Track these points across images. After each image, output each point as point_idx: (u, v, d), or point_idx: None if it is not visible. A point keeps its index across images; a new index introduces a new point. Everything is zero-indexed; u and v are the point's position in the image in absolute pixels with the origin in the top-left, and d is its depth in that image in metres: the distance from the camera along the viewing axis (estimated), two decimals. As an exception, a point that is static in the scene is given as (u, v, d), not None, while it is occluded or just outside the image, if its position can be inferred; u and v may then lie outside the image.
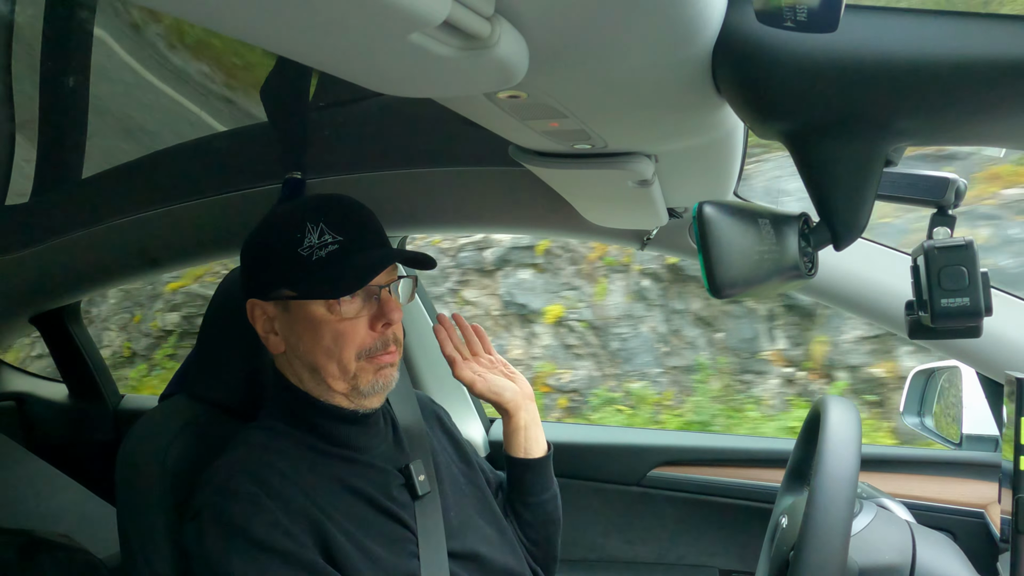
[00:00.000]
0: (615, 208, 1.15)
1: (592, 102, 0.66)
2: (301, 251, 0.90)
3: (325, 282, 0.90)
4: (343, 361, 0.92)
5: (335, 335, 0.92)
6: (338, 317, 0.91)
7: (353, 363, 0.93)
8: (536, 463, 1.14)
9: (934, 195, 0.67)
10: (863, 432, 0.81)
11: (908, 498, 1.31)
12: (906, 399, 1.50)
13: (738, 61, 0.55)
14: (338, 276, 0.90)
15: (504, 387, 1.13)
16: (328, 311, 0.91)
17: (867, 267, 1.20)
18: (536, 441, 1.15)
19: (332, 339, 0.92)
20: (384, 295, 0.94)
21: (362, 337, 0.93)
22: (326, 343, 0.92)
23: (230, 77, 1.25)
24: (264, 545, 0.83)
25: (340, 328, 0.92)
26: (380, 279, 0.94)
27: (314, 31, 0.44)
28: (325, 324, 0.92)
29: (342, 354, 0.92)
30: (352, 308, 0.92)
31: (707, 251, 0.53)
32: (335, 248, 0.90)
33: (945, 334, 0.62)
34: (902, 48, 0.49)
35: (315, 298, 0.91)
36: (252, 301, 0.97)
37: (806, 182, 0.59)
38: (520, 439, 1.14)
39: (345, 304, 0.91)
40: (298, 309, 0.93)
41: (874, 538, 0.83)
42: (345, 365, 0.93)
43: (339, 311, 0.91)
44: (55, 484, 1.84)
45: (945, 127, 0.54)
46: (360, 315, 0.93)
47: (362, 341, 0.93)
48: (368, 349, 0.93)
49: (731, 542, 1.52)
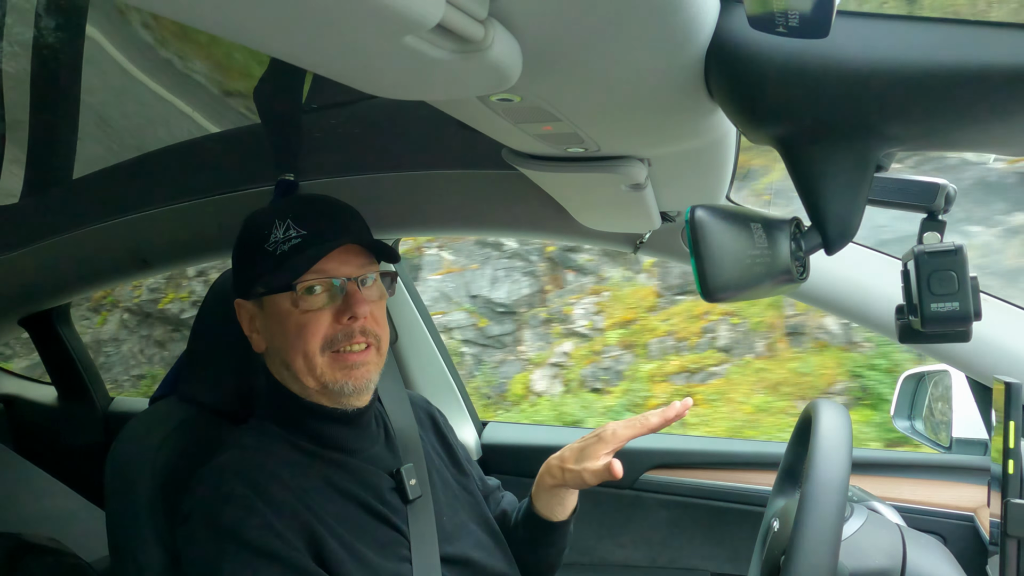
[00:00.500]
0: (608, 211, 1.15)
1: (585, 106, 0.66)
2: (267, 246, 0.93)
3: (283, 274, 0.92)
4: (308, 354, 0.92)
5: (298, 327, 0.92)
6: (301, 310, 0.92)
7: (318, 357, 0.93)
8: (565, 523, 1.12)
9: (924, 200, 0.67)
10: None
11: (898, 501, 1.32)
12: (896, 403, 1.51)
13: (731, 66, 0.55)
14: (294, 266, 0.91)
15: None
16: (292, 305, 0.93)
17: (858, 271, 1.21)
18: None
19: (296, 332, 0.93)
20: (351, 288, 0.94)
21: (325, 329, 0.93)
22: (291, 337, 0.93)
23: (224, 78, 1.24)
24: (256, 548, 0.83)
25: (303, 320, 0.92)
26: (347, 271, 0.94)
27: (308, 33, 0.44)
28: (289, 317, 0.93)
29: (306, 347, 0.92)
30: (316, 301, 0.93)
31: (699, 255, 0.53)
32: (298, 241, 0.93)
33: (935, 338, 0.63)
34: (893, 54, 0.49)
35: (276, 291, 0.93)
36: (238, 301, 0.99)
37: (797, 186, 0.59)
38: (567, 505, 1.11)
39: (308, 298, 0.92)
40: (270, 305, 0.95)
41: (864, 542, 0.83)
42: (310, 359, 0.93)
43: (303, 303, 0.92)
44: (43, 487, 1.82)
45: (935, 133, 0.54)
46: (325, 308, 0.93)
47: (325, 333, 0.93)
48: (330, 340, 0.93)
49: (723, 545, 1.53)
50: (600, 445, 1.01)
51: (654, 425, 1.01)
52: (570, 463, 1.03)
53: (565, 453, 1.06)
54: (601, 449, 1.01)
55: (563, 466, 1.04)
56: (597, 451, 1.01)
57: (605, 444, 1.01)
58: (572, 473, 1.03)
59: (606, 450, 1.01)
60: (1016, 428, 0.82)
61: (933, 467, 1.41)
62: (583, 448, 1.03)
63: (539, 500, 1.10)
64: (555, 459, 1.07)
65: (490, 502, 1.18)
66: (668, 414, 1.00)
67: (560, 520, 1.10)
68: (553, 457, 1.08)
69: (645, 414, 1.03)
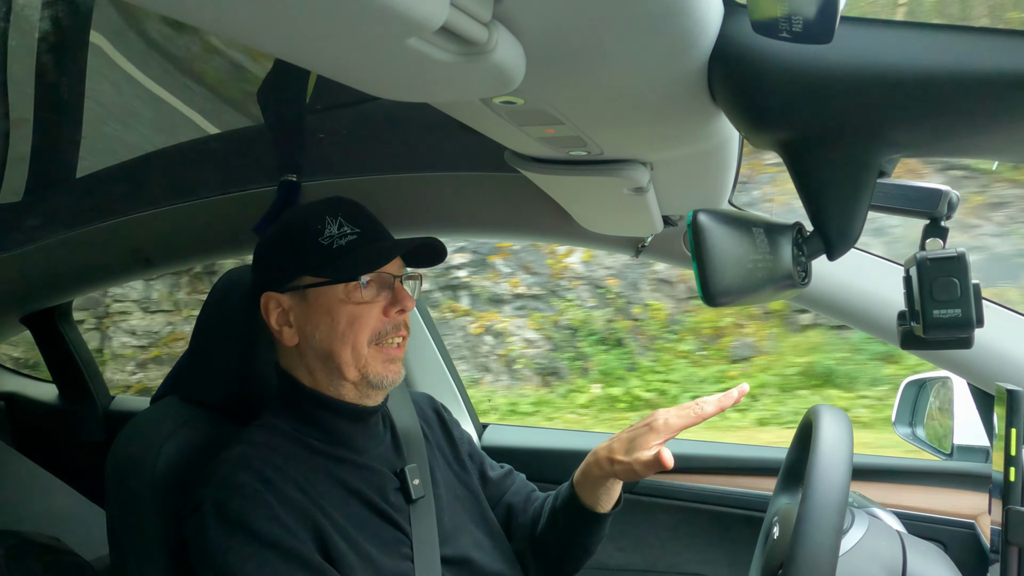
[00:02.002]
0: (610, 215, 1.15)
1: (588, 109, 0.66)
2: (322, 240, 0.96)
3: (347, 266, 0.95)
4: (356, 346, 0.96)
5: (351, 318, 0.96)
6: (355, 301, 0.96)
7: (365, 348, 0.97)
8: (610, 513, 1.09)
9: (927, 206, 0.67)
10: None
11: (899, 508, 1.31)
12: (898, 409, 1.50)
13: (734, 71, 0.55)
14: (358, 260, 0.95)
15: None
16: (346, 296, 0.96)
17: (860, 277, 1.21)
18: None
19: (348, 323, 0.96)
20: (397, 284, 0.99)
21: (375, 321, 0.97)
22: (342, 328, 0.96)
23: (224, 80, 1.25)
24: (264, 539, 0.85)
25: (356, 312, 0.96)
26: (394, 269, 0.99)
27: (312, 35, 0.44)
28: (342, 308, 0.96)
29: (356, 338, 0.96)
30: (369, 293, 0.97)
31: (701, 259, 0.53)
32: (354, 238, 0.97)
33: (937, 345, 0.62)
34: (897, 60, 0.49)
35: (338, 281, 0.96)
36: (268, 295, 1.00)
37: (800, 192, 0.59)
38: (613, 495, 1.08)
39: (363, 289, 0.96)
40: (316, 297, 0.97)
41: (864, 555, 0.83)
42: (358, 350, 0.96)
43: (357, 295, 0.96)
44: (44, 485, 1.82)
45: (939, 139, 0.54)
46: (375, 301, 0.98)
47: (375, 326, 0.97)
48: (379, 333, 0.97)
49: (723, 550, 1.52)
50: (651, 435, 0.97)
51: (709, 413, 0.96)
52: (619, 454, 0.99)
53: (614, 444, 1.01)
54: (652, 439, 0.96)
55: (612, 457, 1.00)
56: (647, 441, 0.96)
57: (656, 434, 0.96)
58: (622, 465, 0.98)
59: (657, 440, 0.96)
60: (1018, 435, 0.81)
61: (934, 474, 1.40)
62: (632, 438, 0.99)
63: (583, 490, 1.07)
64: (603, 450, 1.02)
65: (495, 489, 1.17)
66: (724, 402, 0.96)
67: (606, 511, 1.07)
68: (601, 448, 1.03)
69: (698, 401, 0.98)
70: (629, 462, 0.97)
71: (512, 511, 1.17)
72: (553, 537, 1.11)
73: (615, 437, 1.03)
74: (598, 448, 1.04)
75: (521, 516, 1.16)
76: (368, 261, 0.96)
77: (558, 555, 1.12)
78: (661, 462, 0.92)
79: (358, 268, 0.95)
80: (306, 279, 0.97)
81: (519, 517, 1.16)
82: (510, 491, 1.19)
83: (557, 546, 1.11)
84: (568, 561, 1.13)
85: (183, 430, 1.05)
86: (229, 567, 0.84)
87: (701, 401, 0.97)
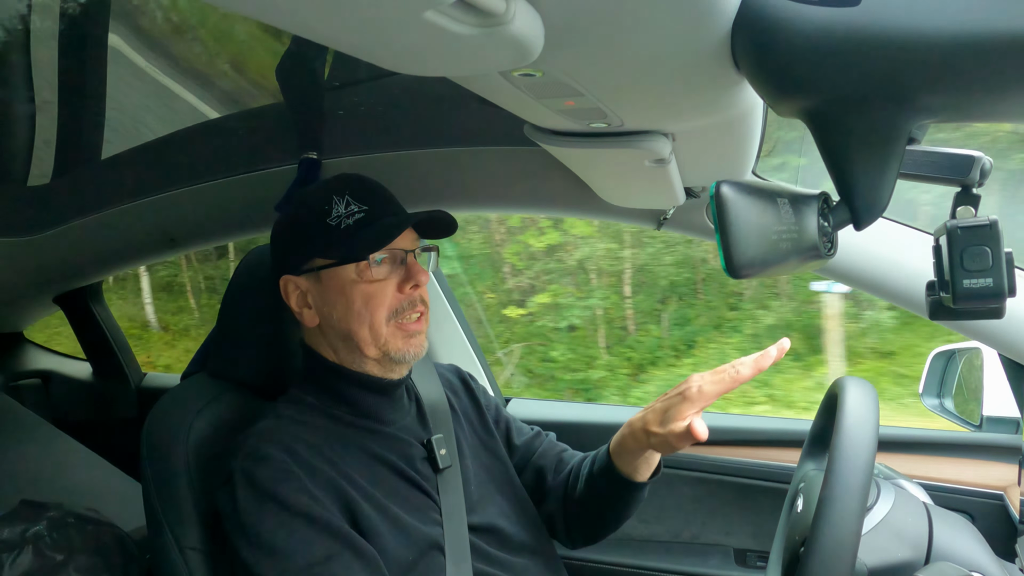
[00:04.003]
0: (631, 187, 1.14)
1: (608, 80, 0.65)
2: (330, 221, 0.96)
3: (355, 246, 0.95)
4: (374, 324, 0.96)
5: (365, 297, 0.96)
6: (367, 280, 0.96)
7: (383, 326, 0.97)
8: (649, 481, 1.08)
9: (959, 173, 0.65)
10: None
11: (926, 480, 1.30)
12: (926, 380, 1.48)
13: (758, 36, 0.54)
14: (366, 238, 0.95)
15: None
16: (358, 275, 0.96)
17: (887, 247, 1.18)
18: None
19: (363, 302, 0.96)
20: (410, 259, 0.99)
21: (391, 298, 0.97)
22: (357, 307, 0.96)
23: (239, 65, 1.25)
24: (293, 509, 0.87)
25: (370, 290, 0.96)
26: (405, 244, 0.99)
27: (329, 10, 0.44)
28: (355, 288, 0.96)
29: (373, 316, 0.96)
30: (381, 271, 0.97)
31: (724, 231, 0.53)
32: (361, 216, 0.96)
33: (967, 315, 0.61)
34: (928, 20, 0.47)
35: (346, 262, 0.96)
36: (286, 278, 1.01)
37: (826, 160, 0.58)
38: (651, 464, 1.06)
39: (374, 267, 0.96)
40: (330, 278, 0.97)
41: (890, 527, 0.82)
42: (376, 328, 0.97)
43: (368, 274, 0.96)
44: (82, 459, 1.88)
45: (971, 104, 0.52)
46: (388, 278, 0.97)
47: (391, 303, 0.97)
48: (396, 310, 0.97)
49: (746, 521, 1.53)
50: (685, 405, 0.91)
51: (745, 376, 0.89)
52: (654, 426, 0.94)
53: (648, 415, 0.96)
54: (687, 409, 0.90)
55: (647, 429, 0.95)
56: (682, 412, 0.91)
57: (691, 403, 0.90)
58: (658, 438, 0.94)
59: (692, 410, 0.90)
60: (1049, 406, 0.80)
61: (962, 445, 1.39)
62: (666, 409, 0.93)
63: (621, 459, 1.04)
64: (638, 421, 0.98)
65: (523, 452, 1.18)
66: (763, 362, 0.89)
67: (644, 480, 1.06)
68: (636, 419, 0.99)
69: (734, 364, 0.91)
70: (664, 434, 0.92)
71: (542, 474, 1.16)
72: (589, 502, 1.10)
73: (649, 407, 0.98)
74: (633, 419, 1.00)
75: (552, 478, 1.16)
76: (375, 240, 0.95)
77: (593, 519, 1.12)
78: (694, 434, 0.88)
79: (365, 247, 0.95)
80: (318, 261, 0.97)
81: (550, 479, 1.16)
82: (539, 453, 1.18)
83: (593, 510, 1.11)
84: (603, 525, 1.13)
85: (212, 406, 1.08)
86: (261, 536, 0.86)
87: (737, 363, 0.91)
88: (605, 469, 1.07)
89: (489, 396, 1.23)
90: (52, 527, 1.25)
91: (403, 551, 0.92)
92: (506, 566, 1.02)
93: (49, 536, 1.24)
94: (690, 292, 5.26)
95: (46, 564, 1.20)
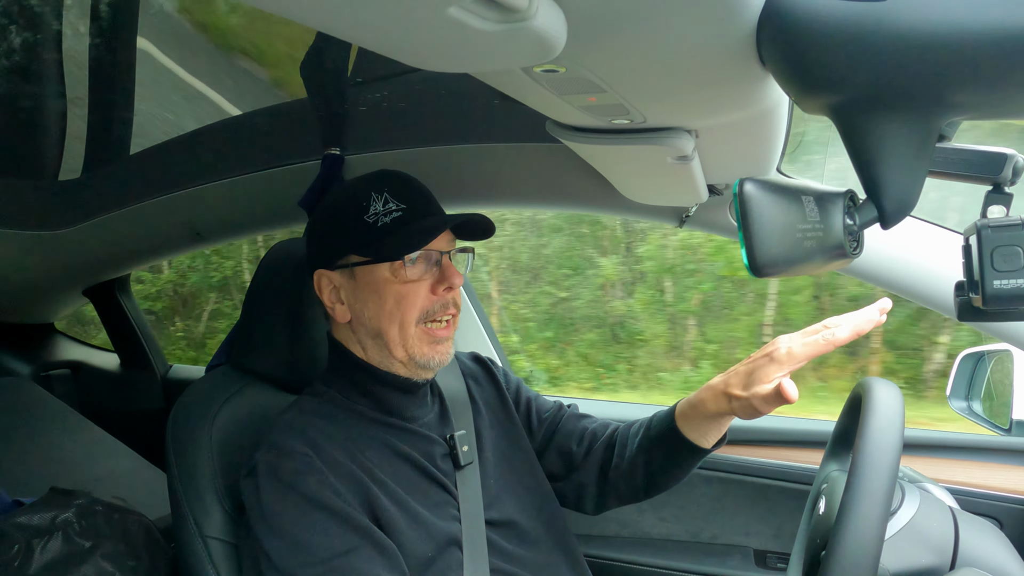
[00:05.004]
0: (653, 184, 1.13)
1: (631, 76, 0.65)
2: (367, 218, 0.95)
3: (390, 245, 0.94)
4: (404, 324, 0.96)
5: (398, 297, 0.96)
6: (401, 280, 0.96)
7: (412, 327, 0.96)
8: (710, 449, 1.04)
9: (990, 172, 0.64)
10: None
11: (952, 484, 1.28)
12: (953, 383, 1.46)
13: (784, 31, 0.53)
14: (403, 238, 0.94)
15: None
16: (392, 275, 0.96)
17: (915, 246, 1.16)
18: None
19: (395, 302, 0.96)
20: (445, 261, 0.98)
21: (423, 300, 0.97)
22: (389, 306, 0.96)
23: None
24: (315, 502, 0.88)
25: (403, 291, 0.96)
26: (441, 246, 0.98)
27: (353, 6, 0.44)
28: (388, 287, 0.96)
29: (404, 316, 0.96)
30: (415, 272, 0.96)
31: (747, 229, 0.52)
32: (399, 215, 0.95)
33: (997, 316, 0.60)
34: (958, 16, 0.46)
35: (381, 260, 0.95)
36: (319, 272, 1.01)
37: (853, 158, 0.57)
38: (722, 429, 1.01)
39: (408, 268, 0.95)
40: (364, 275, 0.97)
41: (915, 531, 0.81)
42: (405, 328, 0.96)
43: (403, 274, 0.95)
44: (109, 449, 1.92)
45: (1004, 101, 0.51)
46: (423, 279, 0.97)
47: (423, 304, 0.97)
48: (427, 312, 0.97)
49: (766, 522, 1.51)
50: (772, 366, 0.86)
51: (842, 339, 0.82)
52: (737, 388, 0.90)
53: (730, 378, 0.92)
54: (773, 371, 0.85)
55: (729, 392, 0.91)
56: (768, 374, 0.86)
57: (778, 365, 0.85)
58: (740, 401, 0.89)
59: (780, 372, 0.85)
60: (1082, 411, 0.78)
61: (990, 449, 1.36)
62: (751, 371, 0.88)
63: (689, 423, 1.00)
64: (719, 384, 0.94)
65: (545, 431, 1.16)
66: (861, 323, 0.82)
67: (710, 447, 1.02)
68: (716, 382, 0.95)
69: (827, 323, 0.84)
70: (747, 396, 0.88)
71: (568, 448, 1.14)
72: (638, 469, 1.07)
73: (731, 371, 0.93)
74: (713, 383, 0.96)
75: (581, 453, 1.13)
76: (411, 240, 0.94)
77: (639, 485, 1.09)
78: (784, 395, 0.82)
79: (401, 248, 0.94)
80: (353, 257, 0.97)
81: (577, 450, 1.14)
82: (562, 432, 1.16)
83: (642, 477, 1.07)
84: (649, 490, 1.09)
85: (236, 398, 1.09)
86: (283, 528, 0.87)
87: (831, 323, 0.84)
88: (666, 435, 1.03)
89: (510, 377, 1.22)
90: (81, 514, 1.28)
91: (421, 547, 0.92)
92: (523, 562, 1.02)
93: (78, 523, 1.26)
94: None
95: (74, 550, 1.23)
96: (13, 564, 1.18)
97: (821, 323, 0.86)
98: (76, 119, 1.39)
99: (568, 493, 1.16)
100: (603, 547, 1.58)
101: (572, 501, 1.16)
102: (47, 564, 1.20)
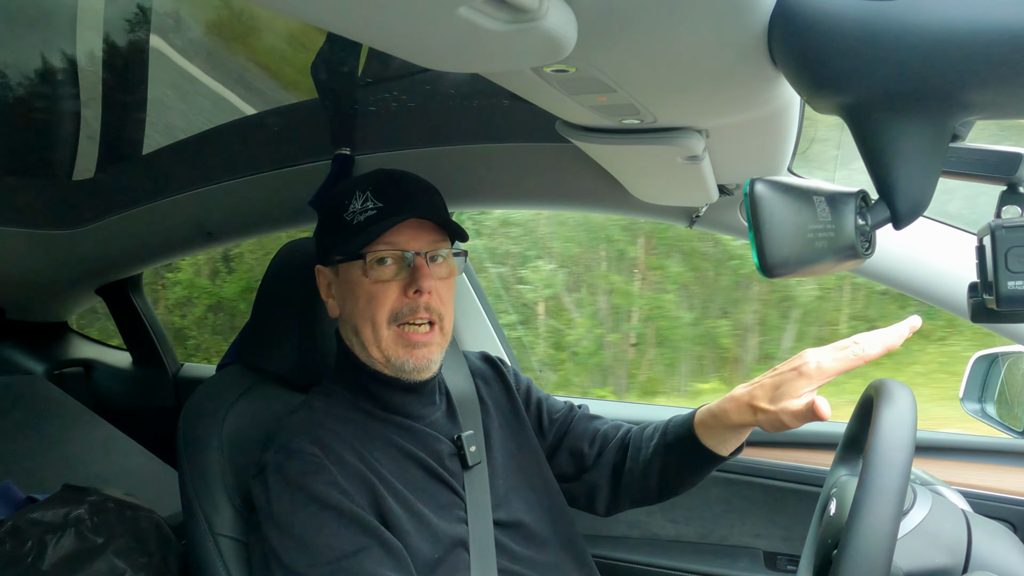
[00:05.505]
0: (663, 184, 1.13)
1: (642, 75, 0.65)
2: (346, 216, 0.97)
3: (355, 243, 0.95)
4: (375, 325, 0.96)
5: (368, 297, 0.96)
6: (372, 279, 0.96)
7: (384, 329, 0.96)
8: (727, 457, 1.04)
9: (1005, 171, 0.63)
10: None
11: (965, 487, 1.27)
12: (966, 384, 1.44)
13: (796, 31, 0.53)
14: (364, 236, 0.94)
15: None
16: (364, 274, 0.96)
17: (928, 247, 1.15)
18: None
19: (366, 301, 0.96)
20: (419, 262, 0.96)
21: (393, 301, 0.96)
22: (361, 305, 0.97)
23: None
24: (323, 501, 0.88)
25: (372, 290, 0.96)
26: (417, 246, 0.96)
27: (363, 7, 0.44)
28: (361, 286, 0.97)
29: (375, 317, 0.96)
30: (385, 272, 0.96)
31: (758, 229, 0.52)
32: (373, 213, 0.95)
33: (1011, 318, 0.59)
34: (974, 14, 0.46)
35: (348, 258, 0.96)
36: (317, 267, 1.04)
37: (865, 158, 0.57)
38: (741, 438, 1.01)
39: (378, 267, 0.95)
40: (344, 272, 0.99)
41: (927, 534, 0.80)
42: (377, 329, 0.96)
43: (373, 274, 0.95)
44: (121, 446, 1.93)
45: (1019, 99, 0.51)
46: (394, 280, 0.96)
47: (393, 305, 0.96)
48: (396, 313, 0.96)
49: (776, 524, 1.50)
50: (801, 381, 0.84)
51: (872, 355, 0.81)
52: (763, 402, 0.88)
53: (755, 390, 0.90)
54: (802, 385, 0.84)
55: (754, 404, 0.89)
56: (797, 388, 0.84)
57: (808, 380, 0.84)
58: (768, 415, 0.87)
59: (809, 387, 0.84)
60: (1098, 414, 0.77)
61: (1004, 452, 1.34)
62: (778, 384, 0.87)
63: (707, 432, 0.99)
64: (744, 396, 0.92)
65: (556, 431, 1.16)
66: (892, 341, 0.81)
67: (727, 455, 1.01)
68: (740, 393, 0.93)
69: (857, 339, 0.82)
70: (775, 411, 0.86)
71: (582, 457, 1.13)
72: (651, 473, 1.06)
73: (757, 383, 0.91)
74: (737, 393, 0.94)
75: (593, 454, 1.13)
76: (370, 236, 0.94)
77: (651, 488, 1.08)
78: (816, 413, 0.80)
79: (362, 243, 0.94)
80: (336, 255, 0.99)
81: (591, 456, 1.13)
82: (573, 433, 1.15)
83: (654, 480, 1.07)
84: (661, 494, 1.09)
85: (246, 397, 1.10)
86: (292, 528, 0.87)
87: (861, 339, 0.83)
88: (683, 441, 1.02)
89: (520, 377, 1.21)
90: (93, 511, 1.29)
91: (428, 548, 0.92)
92: (532, 563, 1.02)
93: (90, 519, 1.28)
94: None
95: (86, 546, 1.24)
96: (27, 560, 1.19)
97: (851, 338, 0.84)
98: (90, 119, 1.41)
99: (580, 494, 1.15)
100: (612, 548, 1.58)
101: (584, 502, 1.16)
102: (60, 560, 1.21)
